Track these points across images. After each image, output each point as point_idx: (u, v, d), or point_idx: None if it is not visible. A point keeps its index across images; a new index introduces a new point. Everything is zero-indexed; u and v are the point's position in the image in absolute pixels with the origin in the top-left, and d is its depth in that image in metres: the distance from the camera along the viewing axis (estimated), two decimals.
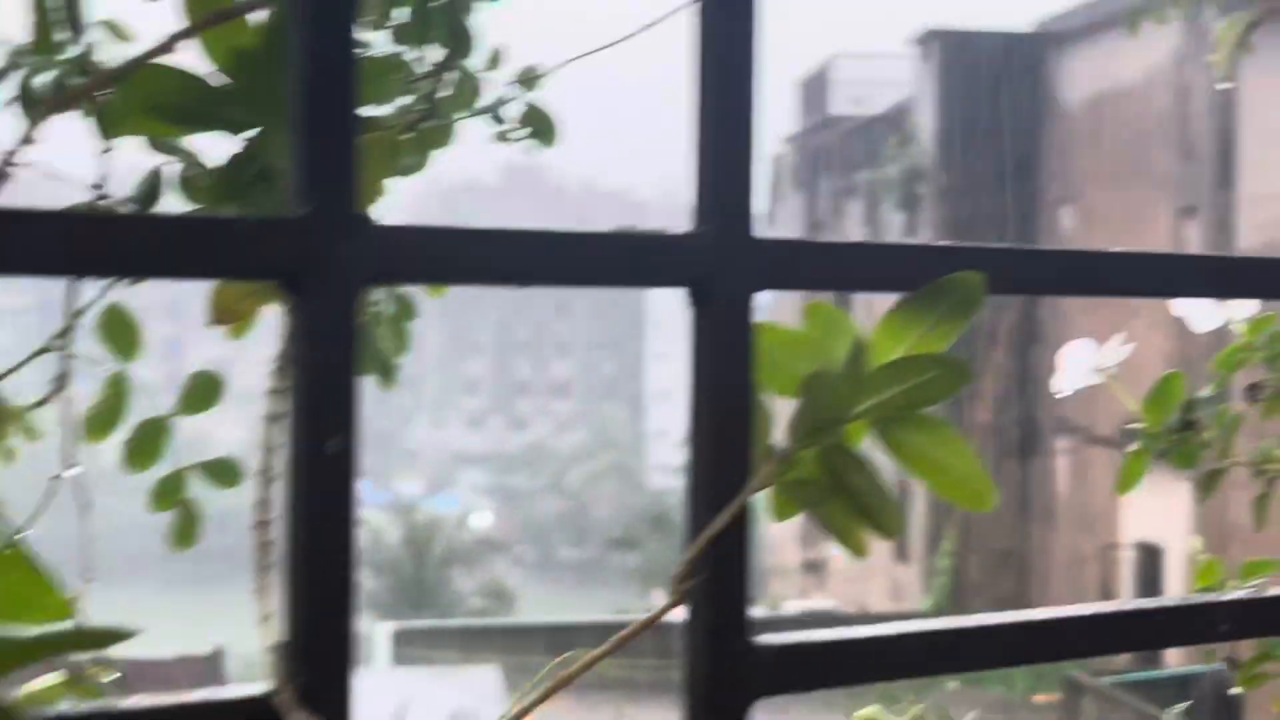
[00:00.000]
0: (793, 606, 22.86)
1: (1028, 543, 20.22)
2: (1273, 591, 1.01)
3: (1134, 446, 1.11)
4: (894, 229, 21.70)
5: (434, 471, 64.54)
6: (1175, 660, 13.50)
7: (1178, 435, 1.10)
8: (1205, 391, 1.12)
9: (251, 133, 0.89)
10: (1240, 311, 1.20)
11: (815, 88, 27.73)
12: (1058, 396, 1.12)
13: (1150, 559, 17.41)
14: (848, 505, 0.82)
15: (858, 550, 0.82)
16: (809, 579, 25.25)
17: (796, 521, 0.88)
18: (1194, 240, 16.76)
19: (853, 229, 23.82)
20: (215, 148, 0.99)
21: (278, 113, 0.83)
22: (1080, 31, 19.23)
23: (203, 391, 0.99)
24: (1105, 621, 0.91)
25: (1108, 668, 14.11)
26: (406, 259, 0.72)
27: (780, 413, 0.86)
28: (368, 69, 0.91)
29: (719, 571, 0.81)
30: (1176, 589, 16.52)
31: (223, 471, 1.00)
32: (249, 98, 0.86)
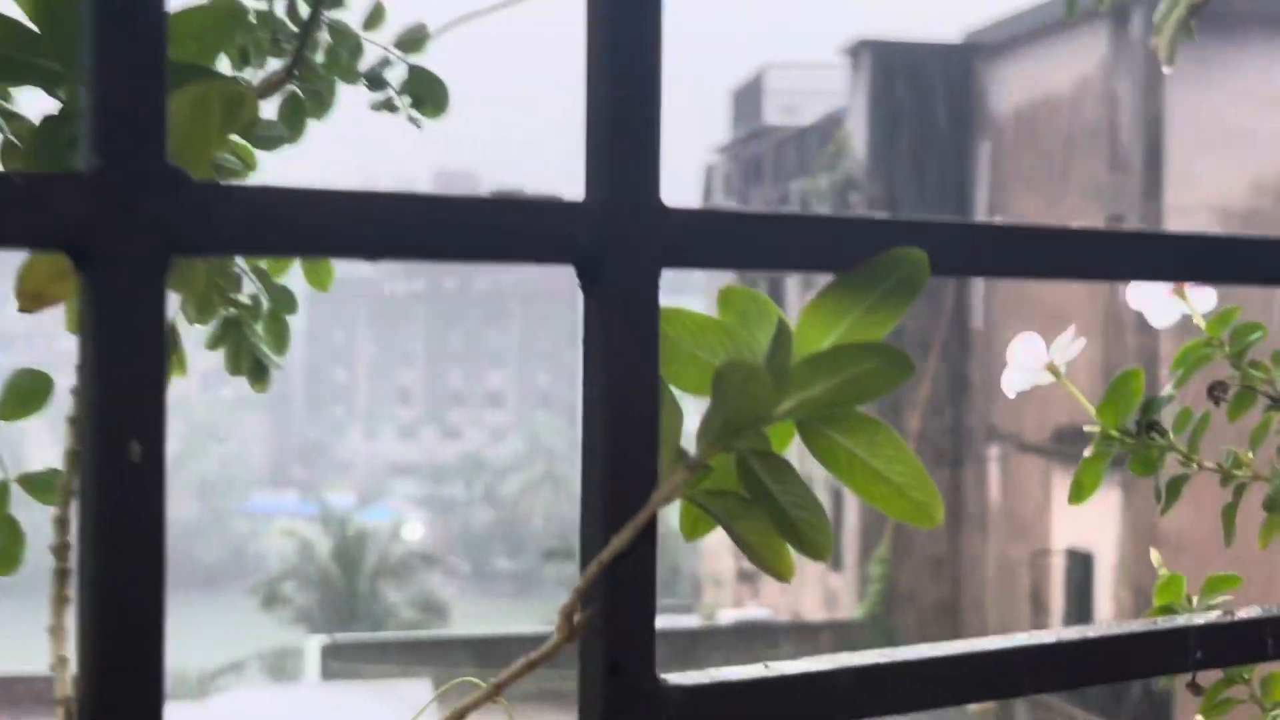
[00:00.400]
0: (727, 616, 22.80)
1: (959, 550, 20.27)
2: (1244, 614, 0.90)
3: (1088, 452, 0.99)
4: None
5: (366, 482, 63.86)
6: None
7: (1137, 439, 0.99)
8: (1167, 390, 1.01)
9: (67, 88, 0.75)
10: (1201, 305, 1.10)
11: (747, 98, 27.74)
12: (1010, 396, 1.00)
13: (1081, 565, 17.51)
14: (769, 520, 0.69)
15: (782, 573, 0.70)
16: (743, 587, 25.20)
17: None
18: None
19: None
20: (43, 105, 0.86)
21: None
22: (1009, 42, 19.35)
23: (25, 393, 0.85)
24: (1062, 651, 0.79)
25: None
26: (229, 224, 0.59)
27: (693, 412, 0.74)
28: (206, 14, 0.77)
29: (618, 599, 0.68)
30: (1107, 595, 16.62)
31: (44, 485, 0.86)
32: (60, 45, 0.72)
